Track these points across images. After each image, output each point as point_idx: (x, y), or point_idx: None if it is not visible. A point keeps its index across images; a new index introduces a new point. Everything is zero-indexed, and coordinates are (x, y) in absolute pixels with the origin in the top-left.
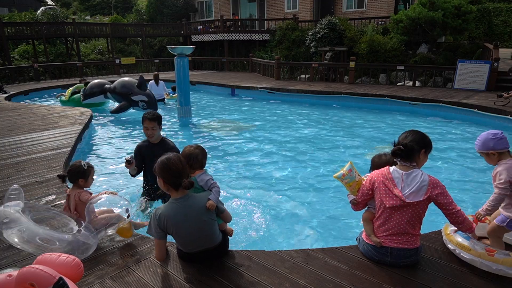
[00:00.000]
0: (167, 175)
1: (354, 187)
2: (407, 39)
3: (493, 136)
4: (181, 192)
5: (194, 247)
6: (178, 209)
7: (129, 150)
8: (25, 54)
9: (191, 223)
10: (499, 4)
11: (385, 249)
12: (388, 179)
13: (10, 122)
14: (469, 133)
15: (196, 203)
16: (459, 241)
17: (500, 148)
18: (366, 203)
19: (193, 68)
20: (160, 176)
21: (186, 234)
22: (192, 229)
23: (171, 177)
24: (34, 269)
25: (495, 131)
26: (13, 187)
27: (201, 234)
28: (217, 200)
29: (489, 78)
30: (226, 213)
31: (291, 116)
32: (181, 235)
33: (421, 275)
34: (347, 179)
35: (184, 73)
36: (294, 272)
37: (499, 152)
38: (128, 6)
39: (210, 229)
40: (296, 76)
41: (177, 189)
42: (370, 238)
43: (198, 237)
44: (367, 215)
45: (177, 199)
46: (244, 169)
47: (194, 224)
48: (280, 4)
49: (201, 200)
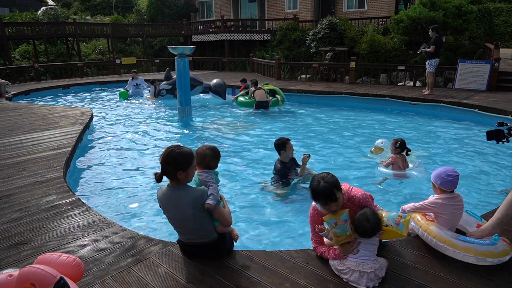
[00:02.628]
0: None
1: (341, 239)
2: (408, 39)
3: (445, 175)
4: (173, 182)
5: (183, 236)
6: (164, 193)
7: (129, 150)
8: (26, 54)
9: (175, 212)
10: (500, 4)
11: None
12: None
13: (11, 122)
14: (469, 134)
15: (184, 195)
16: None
17: (443, 187)
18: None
19: (193, 68)
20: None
21: (171, 219)
22: (176, 218)
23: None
24: (35, 269)
25: (450, 172)
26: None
27: (186, 226)
28: (214, 199)
29: (489, 78)
30: (221, 214)
31: (291, 116)
32: (168, 217)
33: (420, 276)
34: (337, 229)
35: (185, 73)
36: (294, 272)
37: (441, 189)
38: (128, 6)
39: (198, 224)
40: (297, 76)
41: (171, 178)
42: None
43: (184, 227)
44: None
45: (169, 185)
46: (244, 168)
47: (178, 214)
48: (280, 4)
49: (191, 194)
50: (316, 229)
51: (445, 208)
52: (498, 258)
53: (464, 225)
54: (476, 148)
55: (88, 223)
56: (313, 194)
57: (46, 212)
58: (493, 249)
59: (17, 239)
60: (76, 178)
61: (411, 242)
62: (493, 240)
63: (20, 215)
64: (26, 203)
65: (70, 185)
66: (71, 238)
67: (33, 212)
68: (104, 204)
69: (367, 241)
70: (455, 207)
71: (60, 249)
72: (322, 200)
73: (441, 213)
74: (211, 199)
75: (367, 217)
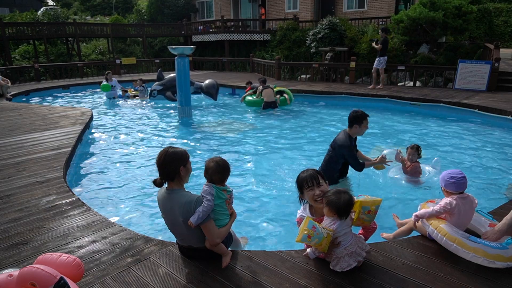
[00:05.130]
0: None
1: (325, 244)
2: (408, 39)
3: (449, 178)
4: (171, 185)
5: (178, 239)
6: (162, 196)
7: (130, 150)
8: (26, 54)
9: (167, 215)
10: (500, 4)
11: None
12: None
13: (11, 122)
14: (469, 134)
15: (177, 201)
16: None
17: (448, 189)
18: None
19: (193, 68)
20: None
21: (166, 222)
22: (168, 220)
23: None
24: (35, 269)
25: (454, 174)
26: None
27: (178, 230)
28: (198, 218)
29: (489, 78)
30: (208, 231)
31: (292, 116)
32: (164, 219)
33: (420, 276)
34: (314, 240)
35: (185, 73)
36: (294, 272)
37: (447, 191)
38: (128, 7)
39: (189, 231)
40: (297, 76)
41: (170, 180)
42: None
43: (176, 232)
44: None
45: (167, 188)
46: (244, 168)
47: (170, 217)
48: (280, 4)
49: (182, 200)
50: (304, 254)
51: (457, 208)
52: (507, 263)
53: (476, 225)
54: (476, 148)
55: (88, 223)
56: (298, 180)
57: (46, 212)
58: (503, 253)
59: (17, 239)
60: (76, 178)
61: (411, 242)
62: (505, 243)
63: (20, 215)
64: (26, 203)
65: (70, 185)
66: (71, 238)
67: (33, 212)
68: (104, 204)
69: (342, 230)
70: (466, 208)
71: (60, 249)
72: (309, 182)
73: (452, 213)
74: (194, 216)
75: (338, 191)
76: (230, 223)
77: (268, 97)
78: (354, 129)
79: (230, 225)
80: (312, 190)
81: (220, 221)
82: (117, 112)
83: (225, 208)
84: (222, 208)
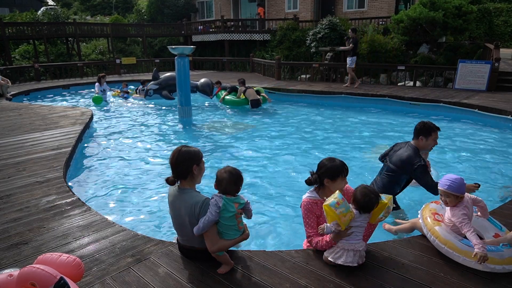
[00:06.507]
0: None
1: (348, 218)
2: (408, 39)
3: (462, 181)
4: (183, 183)
5: (180, 238)
6: (173, 193)
7: (130, 150)
8: (26, 54)
9: (175, 213)
10: (500, 4)
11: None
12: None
13: (11, 122)
14: (469, 134)
15: (186, 201)
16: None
17: (460, 192)
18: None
19: (193, 68)
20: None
21: (172, 219)
22: (175, 218)
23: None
24: (35, 268)
25: (456, 176)
26: None
27: (184, 230)
28: (198, 229)
29: (489, 78)
30: (207, 237)
31: (292, 116)
32: (171, 216)
33: (420, 275)
34: (341, 209)
35: (185, 73)
36: (294, 272)
37: (455, 195)
38: (128, 6)
39: (192, 231)
40: (297, 76)
41: (183, 179)
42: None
43: (181, 230)
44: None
45: (179, 186)
46: (244, 168)
47: (177, 215)
48: (280, 4)
49: (190, 200)
50: (319, 231)
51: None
52: (502, 266)
53: (480, 229)
54: (476, 147)
55: (88, 223)
56: (338, 168)
57: (46, 212)
58: (497, 256)
59: (17, 239)
60: (76, 178)
61: (411, 242)
62: (500, 247)
63: (20, 215)
64: (26, 203)
65: (70, 185)
66: (71, 238)
67: (33, 212)
68: (104, 204)
69: (357, 221)
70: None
71: (60, 249)
72: (345, 172)
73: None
74: (196, 226)
75: (368, 189)
76: (237, 240)
77: (253, 96)
78: (420, 142)
79: (235, 242)
80: (344, 180)
81: (227, 236)
82: (117, 112)
83: (235, 223)
84: (231, 222)
